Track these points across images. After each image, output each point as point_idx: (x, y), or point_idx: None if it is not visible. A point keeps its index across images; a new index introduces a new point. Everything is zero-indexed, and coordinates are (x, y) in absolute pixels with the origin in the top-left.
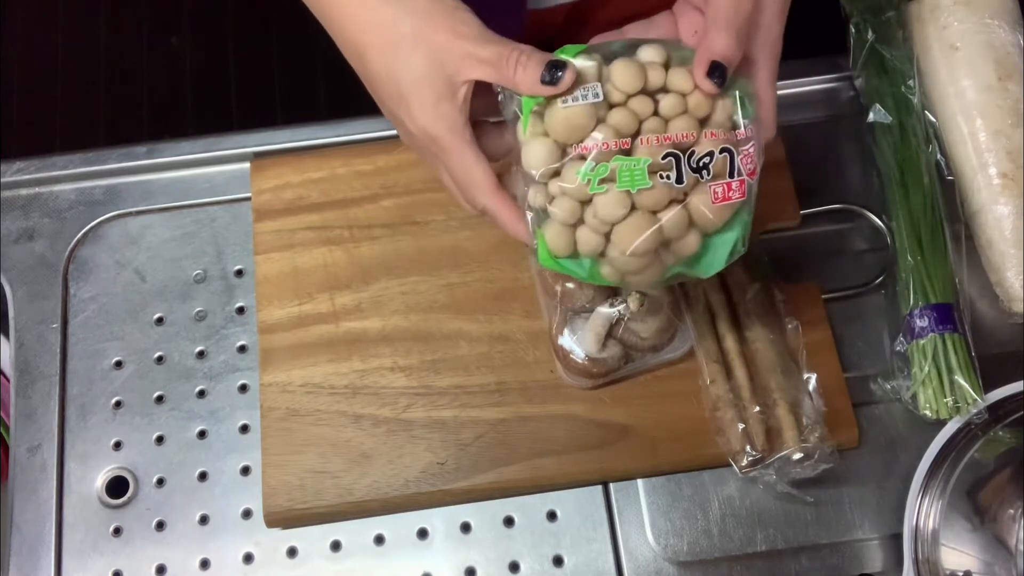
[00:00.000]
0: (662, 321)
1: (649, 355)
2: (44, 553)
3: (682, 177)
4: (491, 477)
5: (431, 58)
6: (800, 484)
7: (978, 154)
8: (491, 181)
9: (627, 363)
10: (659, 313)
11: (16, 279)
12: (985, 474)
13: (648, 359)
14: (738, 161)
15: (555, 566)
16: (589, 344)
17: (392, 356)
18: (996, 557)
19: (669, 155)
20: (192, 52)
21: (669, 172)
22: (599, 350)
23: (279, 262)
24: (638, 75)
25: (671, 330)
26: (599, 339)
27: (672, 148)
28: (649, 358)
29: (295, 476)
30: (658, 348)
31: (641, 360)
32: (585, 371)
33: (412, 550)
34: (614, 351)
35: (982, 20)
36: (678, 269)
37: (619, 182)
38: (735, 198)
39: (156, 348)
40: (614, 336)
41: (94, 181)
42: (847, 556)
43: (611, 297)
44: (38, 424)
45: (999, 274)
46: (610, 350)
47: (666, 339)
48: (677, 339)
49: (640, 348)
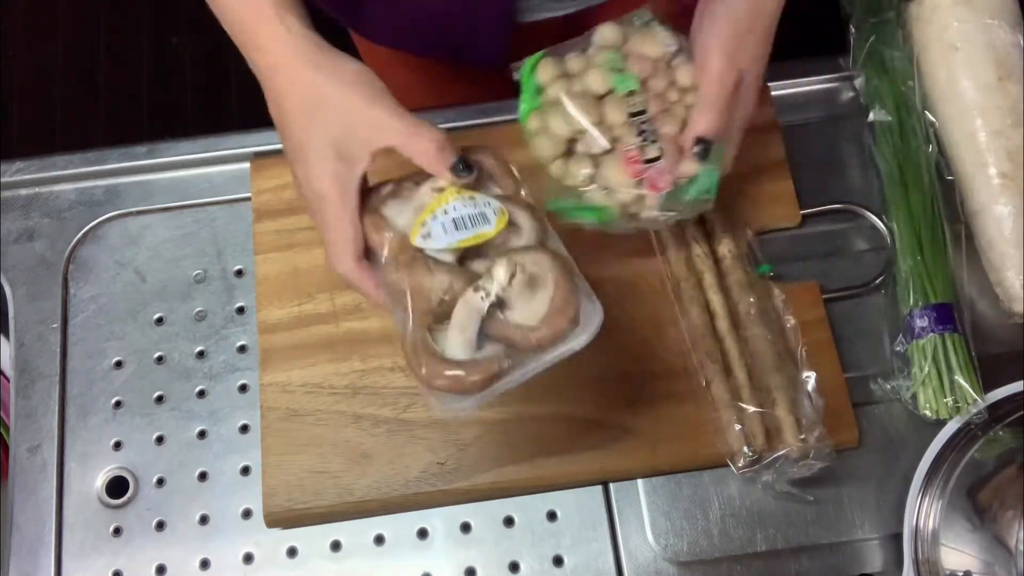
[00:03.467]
0: (555, 300)
1: (540, 352)
2: (44, 553)
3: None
4: (491, 477)
5: (346, 123)
6: (800, 484)
7: (978, 154)
8: (356, 249)
9: (512, 366)
10: (545, 289)
11: (16, 279)
12: (985, 474)
13: (542, 356)
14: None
15: (555, 566)
16: (456, 346)
17: (392, 356)
18: (996, 557)
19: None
20: (192, 52)
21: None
22: (470, 352)
23: (279, 262)
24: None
25: (569, 311)
26: (468, 338)
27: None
28: (544, 354)
29: (295, 476)
30: (554, 340)
31: (534, 359)
32: (456, 384)
33: (412, 550)
34: (492, 350)
35: (982, 20)
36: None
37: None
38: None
39: (156, 348)
40: (490, 335)
41: (94, 181)
42: (847, 556)
43: (473, 281)
44: (38, 424)
45: (999, 274)
46: (486, 350)
47: (563, 325)
48: (580, 323)
49: (528, 345)
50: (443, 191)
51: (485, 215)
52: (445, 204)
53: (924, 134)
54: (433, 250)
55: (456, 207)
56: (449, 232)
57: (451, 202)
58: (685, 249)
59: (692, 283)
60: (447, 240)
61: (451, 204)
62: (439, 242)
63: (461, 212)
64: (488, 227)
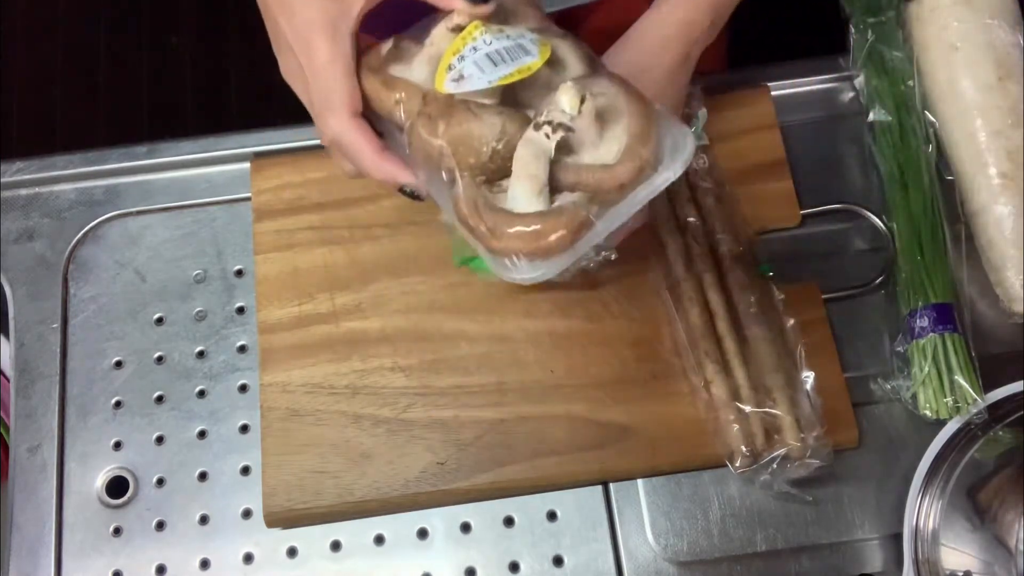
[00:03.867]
0: (632, 128)
1: (627, 191)
2: (44, 553)
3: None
4: (491, 477)
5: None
6: (800, 484)
7: (978, 154)
8: (352, 103)
9: (598, 214)
10: (618, 118)
11: (16, 279)
12: (985, 474)
13: (631, 196)
14: None
15: (555, 566)
16: (525, 198)
17: (392, 356)
18: (996, 557)
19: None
20: (192, 52)
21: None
22: (544, 203)
23: (279, 262)
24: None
25: (651, 137)
26: (539, 186)
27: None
28: (632, 193)
29: (295, 476)
30: (640, 173)
31: (621, 202)
32: (536, 241)
33: (412, 550)
34: (569, 199)
35: (982, 20)
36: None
37: None
38: None
39: (156, 348)
40: (560, 184)
41: (94, 181)
42: (847, 556)
43: (528, 121)
44: (38, 424)
45: (999, 274)
46: (561, 201)
47: (648, 154)
48: (668, 150)
49: (611, 185)
50: (463, 28)
51: (523, 46)
52: (472, 41)
53: (924, 134)
54: (470, 93)
55: (488, 41)
56: (487, 69)
57: (479, 37)
58: (685, 249)
59: (692, 283)
60: (487, 78)
61: (480, 39)
62: (477, 82)
63: (495, 46)
64: (531, 58)
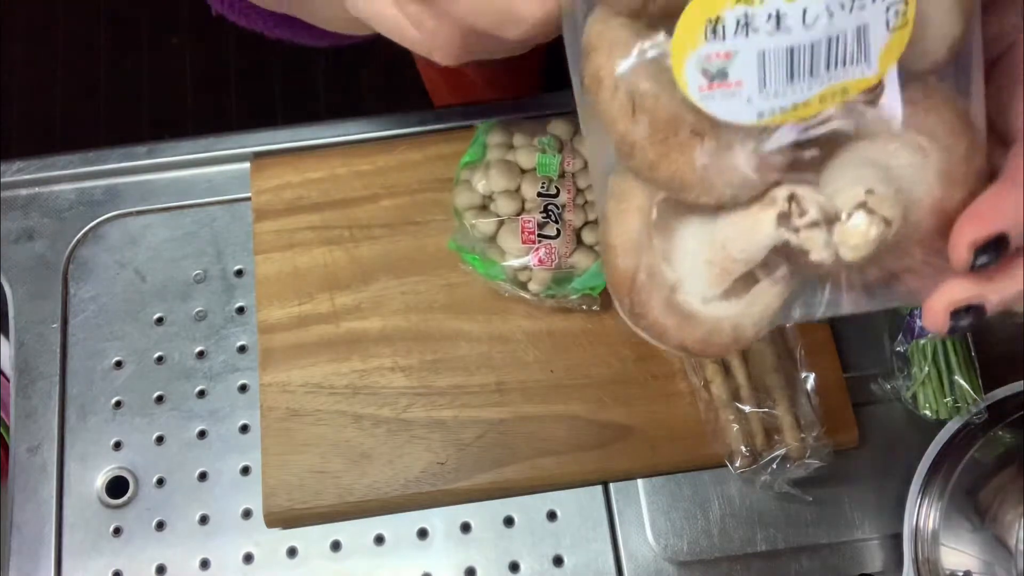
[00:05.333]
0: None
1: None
2: (44, 553)
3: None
4: (491, 477)
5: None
6: (800, 484)
7: None
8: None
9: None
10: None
11: (16, 279)
12: (985, 474)
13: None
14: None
15: (555, 566)
16: (705, 284)
17: (392, 356)
18: (996, 557)
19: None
20: (192, 52)
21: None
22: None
23: (279, 262)
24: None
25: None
26: (730, 279)
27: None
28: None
29: (295, 476)
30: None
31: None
32: (699, 346)
33: (412, 550)
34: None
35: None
36: None
37: None
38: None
39: (156, 348)
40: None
41: (94, 181)
42: (847, 556)
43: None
44: (38, 424)
45: None
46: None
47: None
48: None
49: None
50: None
51: (864, 30)
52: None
53: None
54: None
55: (811, 11)
56: (771, 83)
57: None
58: None
59: None
60: (769, 105)
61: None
62: (745, 109)
63: (816, 31)
64: (863, 69)
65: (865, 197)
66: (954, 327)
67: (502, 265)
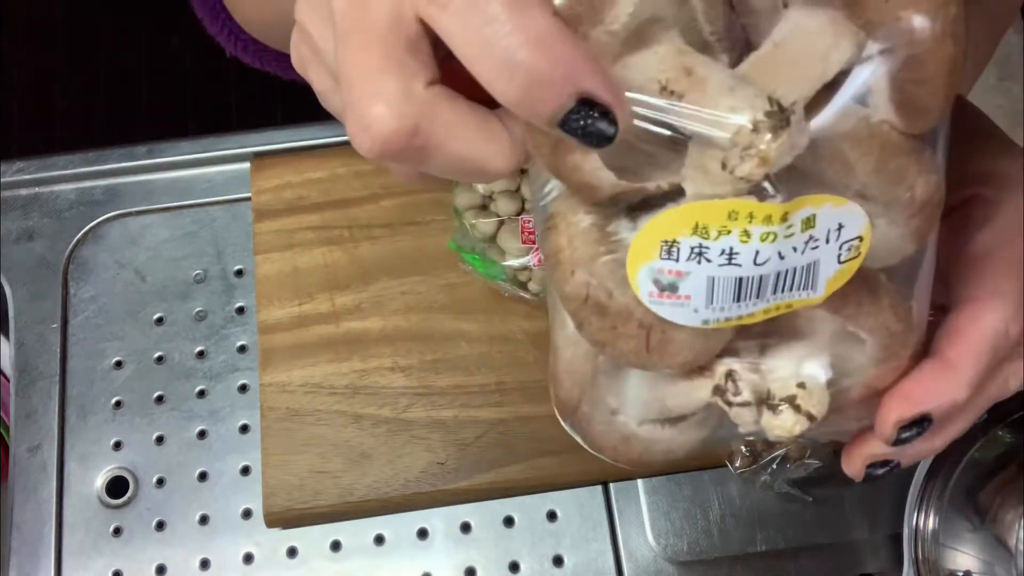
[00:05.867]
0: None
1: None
2: (44, 553)
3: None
4: (491, 477)
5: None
6: (800, 484)
7: None
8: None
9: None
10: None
11: (16, 279)
12: (985, 474)
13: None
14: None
15: (555, 566)
16: (637, 413)
17: (392, 356)
18: (996, 557)
19: None
20: (192, 52)
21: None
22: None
23: (279, 262)
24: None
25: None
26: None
27: None
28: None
29: (295, 476)
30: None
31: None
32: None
33: (412, 550)
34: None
35: None
36: None
37: None
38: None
39: (156, 348)
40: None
41: (94, 181)
42: (847, 556)
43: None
44: (38, 424)
45: None
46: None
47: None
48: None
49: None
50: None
51: (815, 266)
52: (740, 238)
53: None
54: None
55: (760, 255)
56: (720, 301)
57: (754, 240)
58: None
59: None
60: (713, 315)
61: (753, 245)
62: (692, 317)
63: (766, 269)
64: (809, 293)
65: (796, 391)
66: (869, 476)
67: (502, 265)
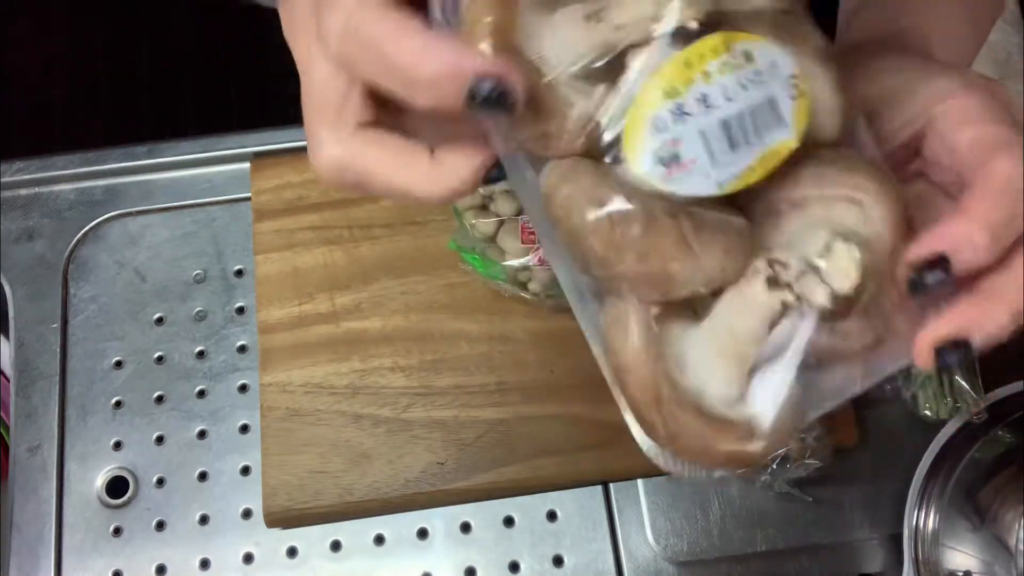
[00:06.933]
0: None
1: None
2: (44, 553)
3: None
4: (491, 477)
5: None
6: (800, 484)
7: None
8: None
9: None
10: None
11: (16, 279)
12: (985, 474)
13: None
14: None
15: (555, 566)
16: (723, 381)
17: (392, 356)
18: (996, 557)
19: None
20: (192, 52)
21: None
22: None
23: (279, 262)
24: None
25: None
26: (747, 366)
27: None
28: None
29: (295, 476)
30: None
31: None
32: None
33: (412, 550)
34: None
35: None
36: None
37: None
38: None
39: (156, 348)
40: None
41: (94, 181)
42: (847, 556)
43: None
44: (38, 424)
45: None
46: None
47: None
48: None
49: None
50: (691, 35)
51: (773, 100)
52: (703, 76)
53: None
54: (691, 189)
55: (727, 83)
56: (719, 152)
57: (714, 71)
58: None
59: None
60: (719, 175)
61: (716, 76)
62: (703, 182)
63: (737, 100)
64: (783, 133)
65: (831, 243)
66: (943, 363)
67: (502, 265)
